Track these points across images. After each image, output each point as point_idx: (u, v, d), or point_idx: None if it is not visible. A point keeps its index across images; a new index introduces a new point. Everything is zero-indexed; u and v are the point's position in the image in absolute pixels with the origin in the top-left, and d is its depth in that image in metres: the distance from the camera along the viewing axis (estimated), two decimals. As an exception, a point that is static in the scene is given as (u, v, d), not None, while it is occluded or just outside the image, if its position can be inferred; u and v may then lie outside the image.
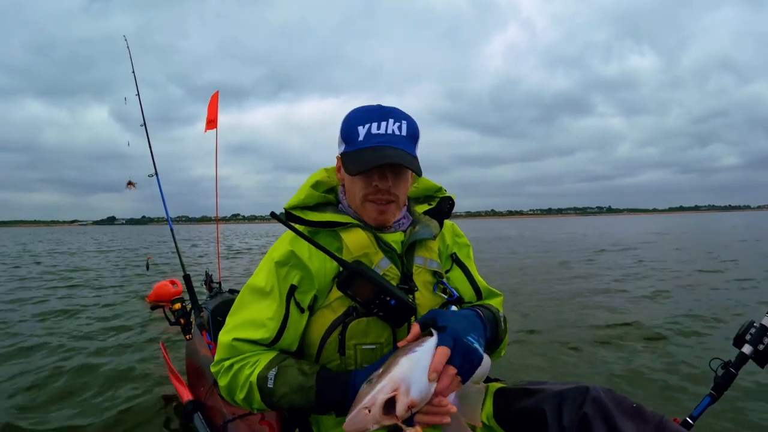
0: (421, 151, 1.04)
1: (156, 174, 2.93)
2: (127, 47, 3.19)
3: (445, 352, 0.77)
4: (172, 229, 2.96)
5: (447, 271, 1.14)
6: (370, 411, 0.70)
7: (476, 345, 0.80)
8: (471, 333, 0.82)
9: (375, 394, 0.71)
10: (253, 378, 0.90)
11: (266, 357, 0.94)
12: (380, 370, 0.75)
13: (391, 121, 0.97)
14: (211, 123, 3.42)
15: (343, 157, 1.00)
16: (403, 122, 0.98)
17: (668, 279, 6.97)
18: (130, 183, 3.01)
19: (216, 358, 0.98)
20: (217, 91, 3.57)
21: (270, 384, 0.89)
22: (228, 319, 1.01)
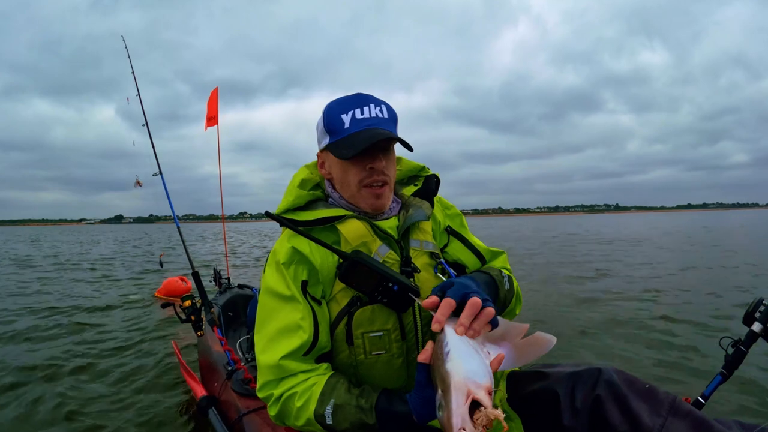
0: (429, 147, 1.05)
1: (160, 173, 2.93)
2: (125, 47, 3.17)
3: (449, 302, 0.77)
4: (179, 227, 2.97)
5: (445, 246, 1.14)
6: (465, 429, 0.64)
7: (476, 288, 0.81)
8: (468, 286, 0.82)
9: (457, 412, 0.64)
10: (310, 414, 0.89)
11: (317, 387, 0.91)
12: (439, 392, 0.70)
13: (372, 105, 0.99)
14: (212, 120, 3.41)
15: (332, 147, 1.00)
16: (383, 106, 1.01)
17: (681, 264, 6.96)
18: (138, 182, 3.02)
19: (262, 380, 0.96)
20: (217, 88, 3.55)
21: (329, 421, 0.88)
22: (258, 336, 0.99)
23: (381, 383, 0.98)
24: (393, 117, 1.02)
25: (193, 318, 2.27)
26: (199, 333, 2.27)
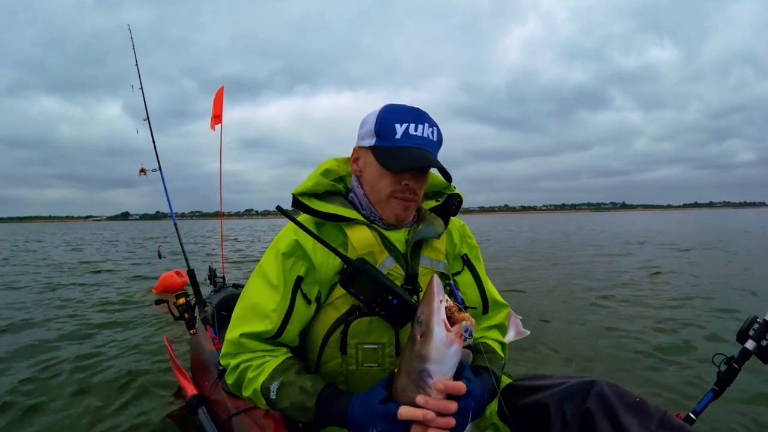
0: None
1: (159, 169, 2.94)
2: (131, 38, 3.17)
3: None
4: (175, 224, 2.97)
5: (457, 274, 1.12)
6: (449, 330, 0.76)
7: (470, 414, 0.81)
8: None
9: (438, 307, 0.76)
10: (257, 386, 0.93)
11: (271, 363, 0.95)
12: (419, 313, 0.80)
13: (426, 125, 1.00)
14: (217, 119, 3.42)
15: (377, 151, 1.00)
16: (435, 128, 1.02)
17: (679, 273, 6.96)
18: (142, 170, 3.01)
19: (223, 351, 1.00)
20: (222, 87, 3.57)
21: (272, 396, 0.91)
22: (235, 308, 1.03)
23: None
24: (440, 141, 1.04)
25: (186, 316, 2.26)
26: (192, 331, 2.26)
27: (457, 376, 0.80)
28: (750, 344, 1.35)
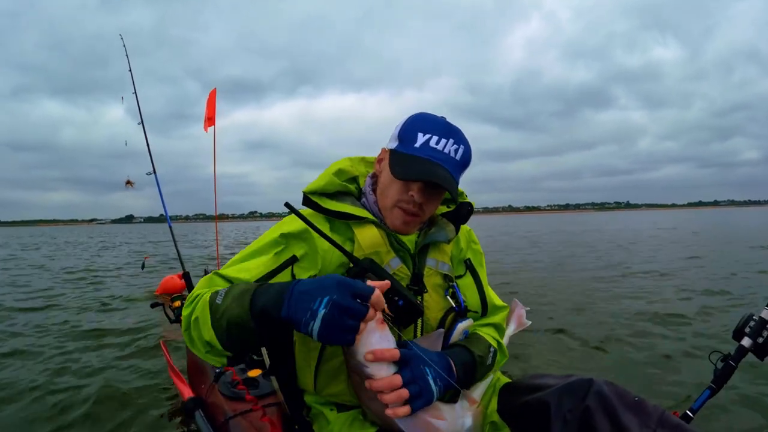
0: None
1: (154, 172, 2.93)
2: (123, 46, 3.19)
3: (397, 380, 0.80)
4: (170, 227, 2.97)
5: (459, 277, 1.13)
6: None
7: (429, 378, 0.84)
8: (430, 368, 0.85)
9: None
10: (207, 298, 0.85)
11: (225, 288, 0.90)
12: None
13: (451, 141, 0.97)
14: (210, 120, 3.42)
15: (393, 155, 0.99)
16: (461, 147, 0.99)
17: (673, 270, 6.99)
18: (128, 182, 3.02)
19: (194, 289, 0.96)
20: (215, 89, 3.57)
21: (219, 299, 0.83)
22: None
23: None
24: (464, 162, 1.01)
25: (182, 319, 2.25)
26: (187, 334, 2.24)
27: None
28: (746, 341, 1.36)
